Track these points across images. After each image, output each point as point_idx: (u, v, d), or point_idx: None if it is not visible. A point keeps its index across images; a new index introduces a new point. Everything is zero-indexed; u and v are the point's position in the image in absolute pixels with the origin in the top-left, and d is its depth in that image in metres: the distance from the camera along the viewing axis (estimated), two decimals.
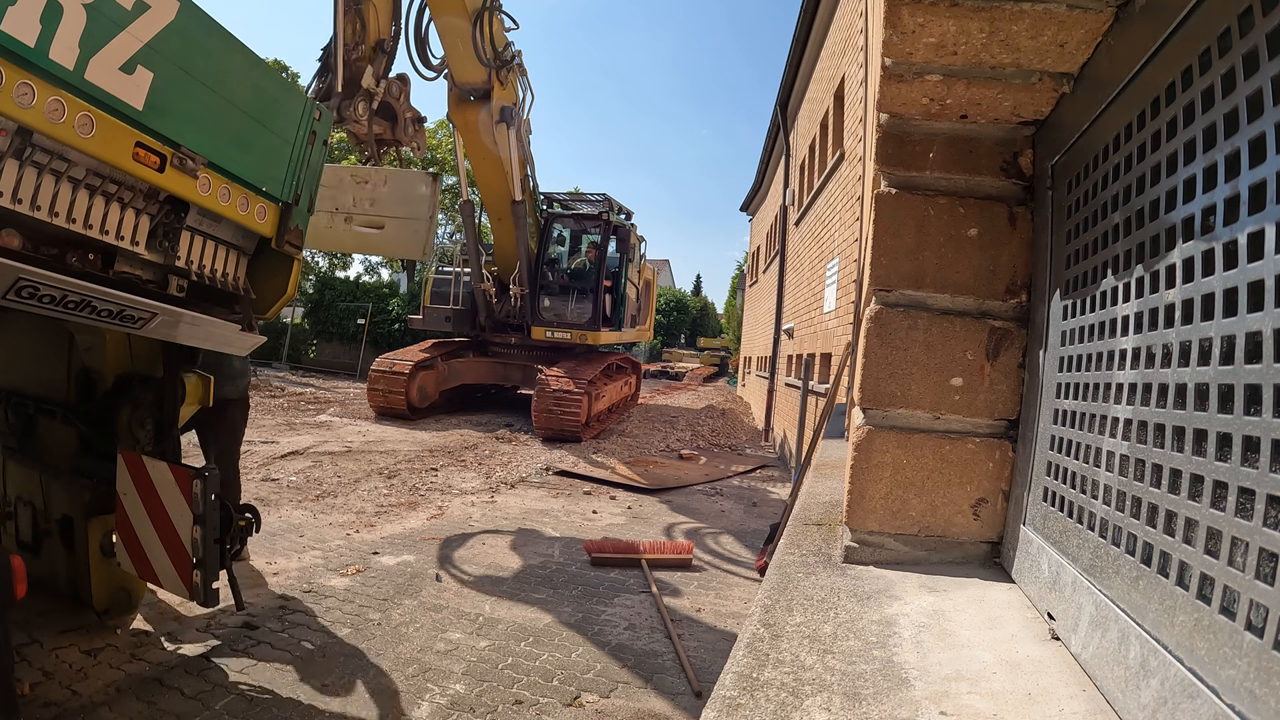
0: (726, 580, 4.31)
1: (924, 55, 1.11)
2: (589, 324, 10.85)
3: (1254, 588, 0.57)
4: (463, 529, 5.06)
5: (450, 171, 27.34)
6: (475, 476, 6.94)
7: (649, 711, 2.66)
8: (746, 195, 18.67)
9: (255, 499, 5.02)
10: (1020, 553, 1.18)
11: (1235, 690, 0.58)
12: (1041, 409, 1.16)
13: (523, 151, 9.61)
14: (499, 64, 8.39)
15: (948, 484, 1.29)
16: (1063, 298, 1.11)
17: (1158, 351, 0.78)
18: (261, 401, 10.83)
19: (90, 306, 1.89)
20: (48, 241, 1.79)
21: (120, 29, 1.66)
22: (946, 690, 0.84)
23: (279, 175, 2.32)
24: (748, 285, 20.28)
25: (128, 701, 2.42)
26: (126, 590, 2.95)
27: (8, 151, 1.51)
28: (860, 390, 1.33)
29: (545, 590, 3.91)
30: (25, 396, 2.92)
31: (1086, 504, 0.94)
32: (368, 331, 18.88)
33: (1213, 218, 0.69)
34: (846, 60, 6.94)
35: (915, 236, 1.30)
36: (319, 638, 3.07)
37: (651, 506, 6.31)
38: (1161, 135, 0.81)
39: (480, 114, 8.77)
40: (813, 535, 1.53)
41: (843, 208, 6.60)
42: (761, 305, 15.38)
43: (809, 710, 0.79)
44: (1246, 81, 0.64)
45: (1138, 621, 0.75)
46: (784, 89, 11.24)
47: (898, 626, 1.03)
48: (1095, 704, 0.79)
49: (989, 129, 1.28)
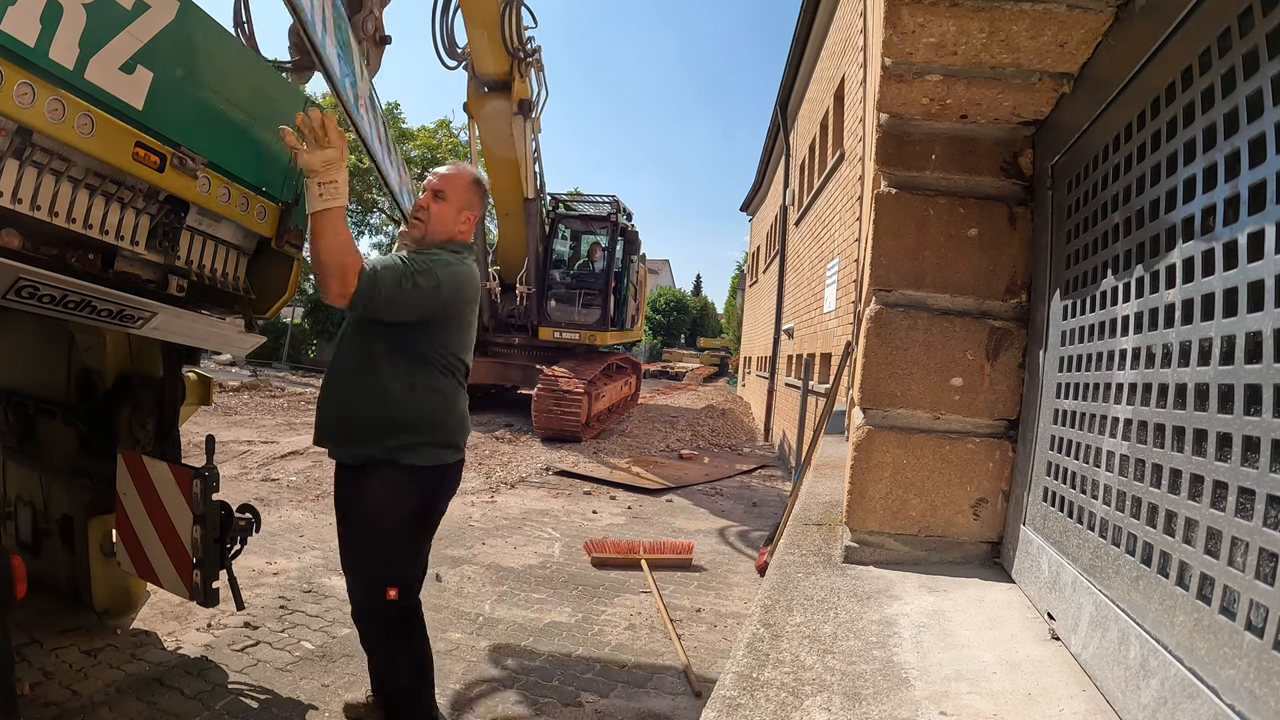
0: (726, 580, 4.31)
1: (924, 55, 1.11)
2: (597, 324, 10.88)
3: (1254, 588, 0.57)
4: (463, 529, 5.06)
5: None
6: (475, 476, 6.94)
7: (649, 711, 2.66)
8: (746, 195, 18.67)
9: (255, 499, 5.02)
10: (1020, 553, 1.18)
11: (1235, 690, 0.58)
12: (1041, 409, 1.16)
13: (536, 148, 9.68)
14: (524, 55, 8.47)
15: (948, 484, 1.29)
16: (1063, 298, 1.11)
17: (1158, 351, 0.78)
18: (261, 401, 10.83)
19: (90, 306, 1.89)
20: (48, 241, 1.79)
21: (120, 29, 1.66)
22: (946, 690, 0.84)
23: (279, 175, 2.32)
24: (748, 285, 20.29)
25: (128, 701, 2.42)
26: (126, 590, 2.95)
27: (8, 151, 1.51)
28: (860, 390, 1.33)
29: (545, 590, 3.91)
30: (25, 396, 2.92)
31: (1086, 504, 0.94)
32: None
33: (1213, 218, 0.69)
34: (846, 60, 6.94)
35: (915, 236, 1.30)
36: (319, 638, 3.07)
37: (651, 506, 6.31)
38: (1161, 135, 0.81)
39: (499, 105, 8.84)
40: (813, 535, 1.53)
41: (843, 208, 6.60)
42: (761, 305, 15.38)
43: (809, 710, 0.79)
44: (1246, 81, 0.64)
45: (1138, 621, 0.75)
46: (784, 89, 11.24)
47: (898, 626, 1.03)
48: (1095, 704, 0.79)
49: (989, 129, 1.28)
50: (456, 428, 2.18)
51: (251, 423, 9.00)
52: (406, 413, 2.06)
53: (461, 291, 2.14)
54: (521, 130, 9.07)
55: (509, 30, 8.10)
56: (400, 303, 1.97)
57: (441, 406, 2.13)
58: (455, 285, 2.10)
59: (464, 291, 2.16)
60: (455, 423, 2.17)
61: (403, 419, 2.05)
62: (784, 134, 12.06)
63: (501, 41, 8.12)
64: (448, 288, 2.06)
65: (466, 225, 2.22)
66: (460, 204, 2.19)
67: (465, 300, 2.18)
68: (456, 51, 8.17)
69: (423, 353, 2.09)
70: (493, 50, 8.23)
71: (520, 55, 8.50)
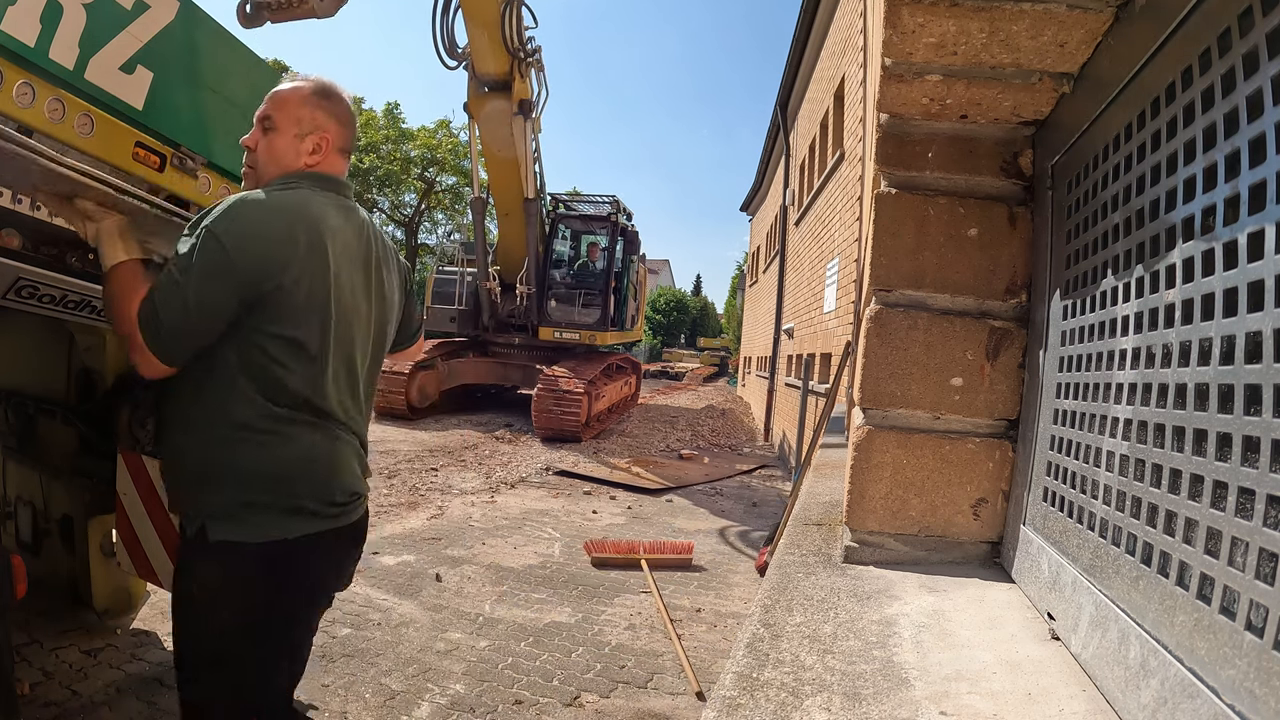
0: (726, 580, 4.31)
1: (924, 55, 1.11)
2: (597, 324, 10.88)
3: (1254, 588, 0.57)
4: (463, 529, 5.07)
5: (450, 171, 27.42)
6: (475, 476, 6.95)
7: (649, 711, 2.66)
8: (746, 195, 18.67)
9: None
10: (1020, 553, 1.18)
11: (1235, 690, 0.58)
12: (1041, 409, 1.16)
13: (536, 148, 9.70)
14: (524, 55, 8.49)
15: (948, 484, 1.29)
16: (1063, 298, 1.11)
17: (1158, 351, 0.78)
18: None
19: (90, 306, 1.89)
20: (48, 241, 1.79)
21: (120, 29, 1.66)
22: (946, 690, 0.84)
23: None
24: (748, 285, 20.28)
25: (128, 701, 2.42)
26: (126, 590, 2.95)
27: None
28: (860, 390, 1.33)
29: (545, 590, 3.91)
30: (25, 396, 2.92)
31: (1086, 504, 0.94)
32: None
33: (1213, 218, 0.69)
34: (846, 60, 6.94)
35: (915, 236, 1.30)
36: (319, 638, 3.07)
37: (651, 506, 6.31)
38: (1161, 135, 0.81)
39: (499, 105, 8.87)
40: (813, 535, 1.53)
41: (843, 208, 6.60)
42: (761, 305, 15.38)
43: (809, 710, 0.79)
44: (1246, 81, 0.64)
45: (1138, 621, 0.75)
46: (784, 89, 11.24)
47: (898, 626, 1.03)
48: (1095, 704, 0.79)
49: (989, 129, 1.28)
50: (301, 478, 1.34)
51: None
52: (214, 461, 1.31)
53: (272, 245, 1.26)
54: (522, 130, 9.09)
55: (509, 30, 8.14)
56: (190, 328, 1.26)
57: (268, 451, 1.31)
58: (253, 235, 1.25)
59: (274, 246, 1.26)
60: (302, 472, 1.34)
61: (212, 470, 1.32)
62: (784, 134, 12.05)
63: (502, 41, 8.17)
64: (235, 250, 1.23)
65: (319, 155, 1.45)
66: (298, 128, 1.43)
67: (284, 259, 1.27)
68: (457, 51, 8.23)
69: (229, 365, 1.30)
70: (493, 50, 8.27)
71: (520, 55, 8.55)
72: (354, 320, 1.43)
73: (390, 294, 1.58)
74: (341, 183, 1.49)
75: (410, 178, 27.33)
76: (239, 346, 1.29)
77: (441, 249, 23.02)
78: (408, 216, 28.75)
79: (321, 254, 1.32)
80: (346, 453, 1.44)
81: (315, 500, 1.35)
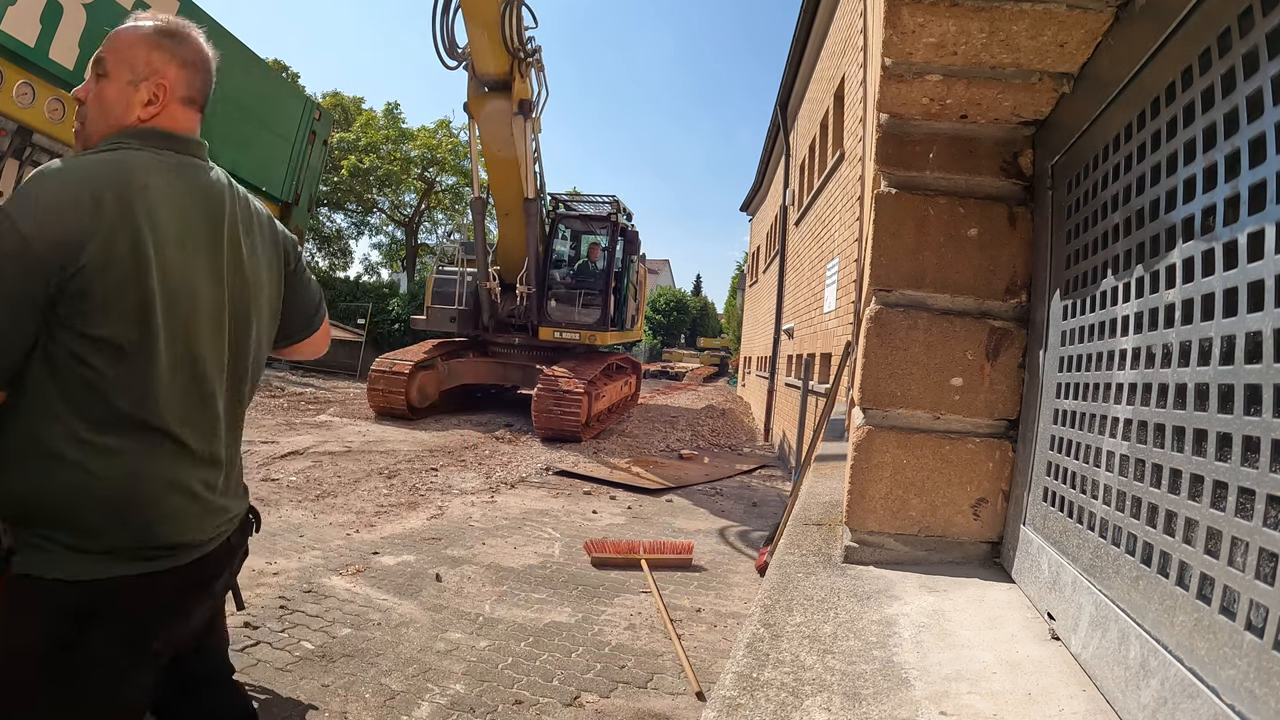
0: (726, 580, 4.31)
1: (924, 55, 1.11)
2: (597, 325, 10.89)
3: (1254, 588, 0.57)
4: (463, 529, 5.07)
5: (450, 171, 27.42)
6: (475, 476, 6.95)
7: (649, 711, 2.66)
8: (746, 195, 18.67)
9: (255, 499, 5.00)
10: (1020, 553, 1.18)
11: (1235, 690, 0.58)
12: (1041, 409, 1.16)
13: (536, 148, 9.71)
14: (524, 54, 8.50)
15: (948, 484, 1.29)
16: (1063, 298, 1.11)
17: (1158, 351, 0.78)
18: (261, 401, 10.83)
19: None
20: None
21: None
22: (946, 690, 0.84)
23: (279, 175, 2.32)
24: (748, 285, 20.29)
25: None
26: None
27: (8, 151, 1.52)
28: (860, 390, 1.33)
29: (545, 590, 3.91)
30: None
31: (1086, 504, 0.94)
32: (368, 331, 18.86)
33: (1213, 218, 0.69)
34: (846, 60, 6.94)
35: (915, 236, 1.30)
36: (319, 638, 3.07)
37: (652, 506, 6.31)
38: (1161, 135, 0.81)
39: (499, 105, 8.87)
40: (813, 535, 1.53)
41: (843, 208, 6.60)
42: (761, 305, 15.38)
43: (809, 710, 0.79)
44: (1246, 81, 0.64)
45: (1138, 621, 0.75)
46: (784, 89, 11.25)
47: (898, 626, 1.03)
48: (1095, 704, 0.79)
49: (989, 129, 1.28)
50: (111, 518, 1.08)
51: (251, 422, 9.00)
52: (23, 499, 1.07)
53: (66, 221, 1.02)
54: (522, 130, 9.09)
55: (509, 30, 8.16)
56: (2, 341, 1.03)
57: (76, 481, 1.06)
58: (47, 209, 1.02)
59: (69, 223, 1.02)
60: (111, 512, 1.08)
61: (25, 509, 1.08)
62: (784, 134, 12.06)
63: (502, 41, 8.18)
64: (30, 232, 1.00)
65: (155, 107, 1.19)
66: (131, 74, 1.18)
67: (79, 236, 1.02)
68: (457, 51, 8.24)
69: (41, 380, 1.07)
70: (493, 50, 8.29)
71: (520, 55, 8.57)
72: (194, 309, 1.16)
73: (255, 273, 1.29)
74: (183, 139, 1.23)
75: (410, 178, 27.32)
76: (49, 355, 1.05)
77: (441, 249, 23.04)
78: (408, 216, 28.75)
79: (131, 227, 1.06)
80: (185, 479, 1.16)
81: (133, 542, 1.10)
